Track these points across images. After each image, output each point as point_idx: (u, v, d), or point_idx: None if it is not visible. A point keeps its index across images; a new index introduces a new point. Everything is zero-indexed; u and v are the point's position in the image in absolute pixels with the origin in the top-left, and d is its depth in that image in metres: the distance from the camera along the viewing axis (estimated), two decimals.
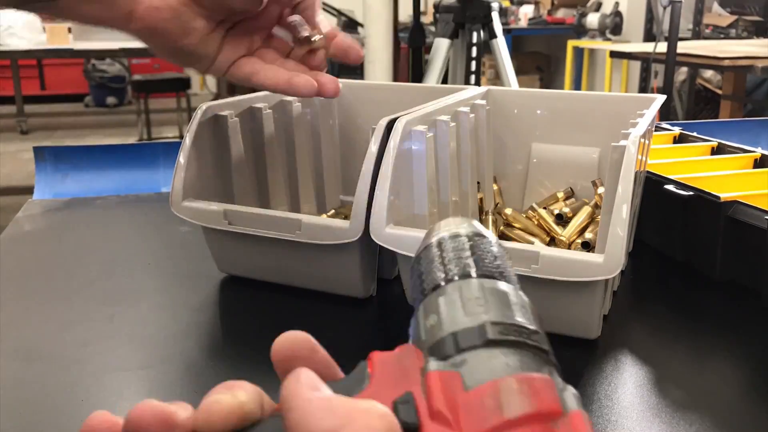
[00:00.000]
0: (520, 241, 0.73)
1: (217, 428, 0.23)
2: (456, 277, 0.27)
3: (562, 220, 0.76)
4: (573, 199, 0.81)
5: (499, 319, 0.24)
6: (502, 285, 0.27)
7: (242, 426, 0.24)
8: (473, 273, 0.27)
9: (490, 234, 0.30)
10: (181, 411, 0.23)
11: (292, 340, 0.27)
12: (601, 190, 0.77)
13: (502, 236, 0.77)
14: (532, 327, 0.25)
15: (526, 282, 0.55)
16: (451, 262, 0.28)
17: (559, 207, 0.78)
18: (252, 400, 0.24)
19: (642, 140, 0.60)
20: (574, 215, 0.76)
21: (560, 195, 0.80)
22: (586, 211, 0.75)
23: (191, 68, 0.49)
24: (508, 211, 0.77)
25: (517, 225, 0.77)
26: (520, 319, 0.25)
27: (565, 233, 0.73)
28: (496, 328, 0.24)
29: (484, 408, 0.21)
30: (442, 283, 0.27)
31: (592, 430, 0.22)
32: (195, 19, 0.46)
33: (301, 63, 0.52)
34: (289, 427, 0.21)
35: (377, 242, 0.60)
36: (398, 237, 0.59)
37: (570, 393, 0.23)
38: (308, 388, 0.22)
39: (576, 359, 0.56)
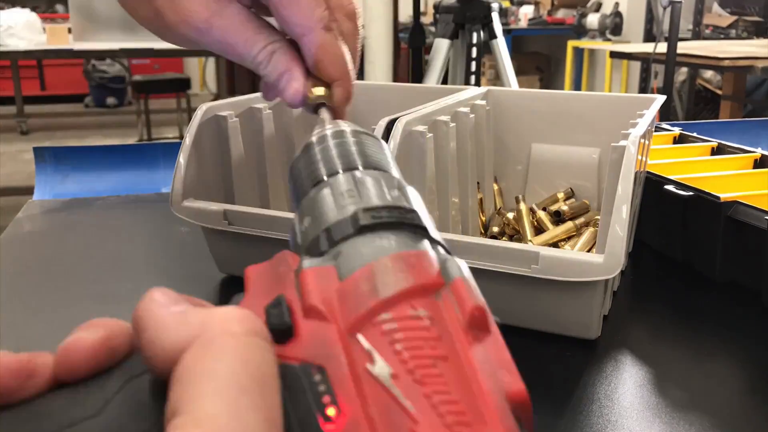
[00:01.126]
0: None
1: (80, 368, 0.21)
2: (325, 176, 0.26)
3: (560, 217, 0.76)
4: (573, 200, 0.81)
5: (371, 205, 0.24)
6: (375, 174, 0.26)
7: (110, 363, 0.22)
8: (340, 168, 0.27)
9: (354, 127, 0.29)
10: (39, 358, 0.22)
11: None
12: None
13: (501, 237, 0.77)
14: (407, 206, 0.24)
15: (525, 282, 0.55)
16: (320, 162, 0.28)
17: (558, 207, 0.78)
18: (119, 334, 0.23)
19: (642, 140, 0.60)
20: (573, 217, 0.76)
21: (560, 195, 0.80)
22: (567, 227, 0.74)
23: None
24: (510, 215, 0.77)
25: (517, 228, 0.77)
26: (391, 200, 0.24)
27: (537, 240, 0.73)
28: (368, 214, 0.23)
29: (359, 293, 0.20)
30: (310, 185, 0.26)
31: (474, 293, 0.21)
32: None
33: None
34: (143, 348, 0.20)
35: None
36: None
37: (453, 262, 0.22)
38: (162, 306, 0.21)
39: (576, 359, 0.56)
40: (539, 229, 0.76)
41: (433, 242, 0.23)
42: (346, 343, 0.20)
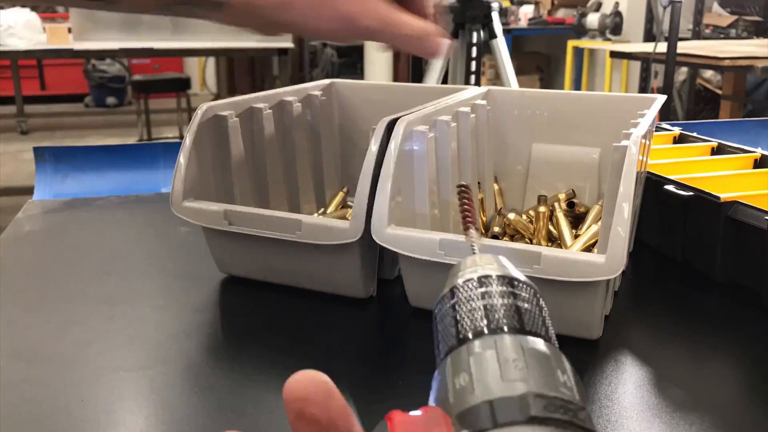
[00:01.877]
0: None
1: None
2: (486, 331, 0.23)
3: (573, 207, 0.76)
4: (575, 200, 0.81)
5: (542, 391, 0.21)
6: (542, 345, 0.23)
7: None
8: (506, 327, 0.23)
9: (522, 276, 0.26)
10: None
11: (309, 380, 0.23)
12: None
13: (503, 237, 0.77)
14: (578, 403, 0.21)
15: None
16: (479, 310, 0.24)
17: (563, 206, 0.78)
18: None
19: (643, 140, 0.60)
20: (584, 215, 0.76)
21: (561, 196, 0.80)
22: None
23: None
24: (511, 215, 0.77)
25: (523, 232, 0.77)
26: (565, 391, 0.21)
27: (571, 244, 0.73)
28: (540, 403, 0.20)
29: None
30: (471, 336, 0.23)
31: None
32: None
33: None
34: None
35: (379, 243, 0.60)
36: (399, 237, 0.59)
37: None
38: None
39: (577, 359, 0.56)
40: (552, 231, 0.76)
41: None
42: None
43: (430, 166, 0.64)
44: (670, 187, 0.72)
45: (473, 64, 2.07)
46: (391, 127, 0.62)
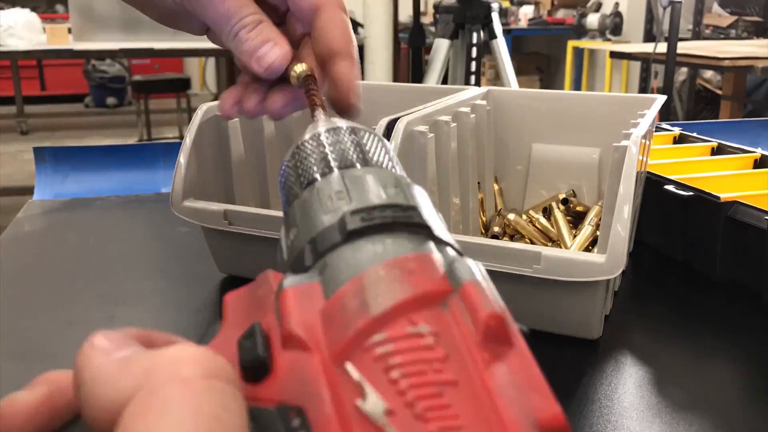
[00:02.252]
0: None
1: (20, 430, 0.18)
2: (318, 177, 0.22)
3: (567, 204, 0.76)
4: (575, 200, 0.81)
5: (361, 205, 0.20)
6: (369, 170, 0.22)
7: (52, 426, 0.18)
8: (335, 167, 0.22)
9: (350, 123, 0.25)
10: None
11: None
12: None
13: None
14: (404, 203, 0.20)
15: (527, 282, 0.55)
16: (311, 162, 0.23)
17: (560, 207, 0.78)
18: (64, 392, 0.19)
19: (643, 140, 0.60)
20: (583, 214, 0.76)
21: (562, 197, 0.80)
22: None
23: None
24: (511, 216, 0.77)
25: (522, 233, 0.77)
26: (387, 198, 0.20)
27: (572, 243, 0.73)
28: (357, 216, 0.19)
29: (347, 312, 0.17)
30: (298, 190, 0.23)
31: (489, 298, 0.17)
32: None
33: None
34: (81, 405, 0.17)
35: None
36: None
37: (463, 264, 0.18)
38: (104, 353, 0.17)
39: (577, 359, 0.56)
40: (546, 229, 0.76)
41: (439, 242, 0.20)
42: (331, 376, 0.16)
43: (429, 167, 0.64)
44: (670, 187, 0.72)
45: (473, 64, 2.07)
46: (391, 127, 0.62)
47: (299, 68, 0.37)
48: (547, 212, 0.78)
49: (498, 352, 0.16)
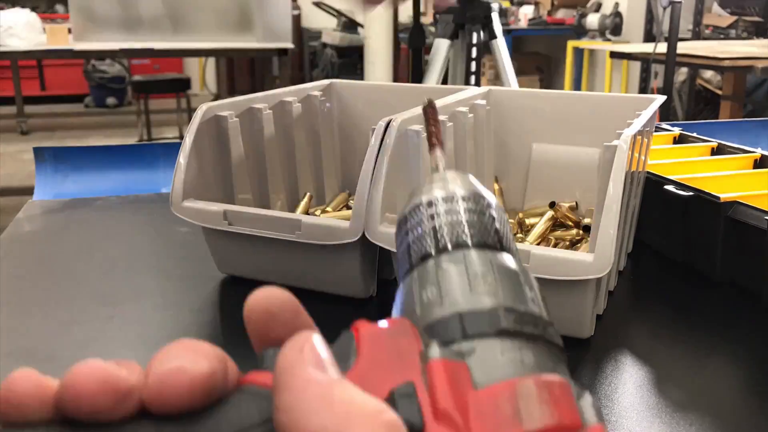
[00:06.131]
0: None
1: (174, 404, 0.18)
2: (450, 246, 0.23)
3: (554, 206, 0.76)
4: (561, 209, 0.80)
5: (512, 305, 0.21)
6: (510, 260, 0.23)
7: (204, 402, 0.19)
8: (472, 242, 0.23)
9: (489, 194, 0.25)
10: (132, 375, 0.18)
11: (272, 297, 0.22)
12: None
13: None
14: (546, 318, 0.21)
15: None
16: (446, 226, 0.23)
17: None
18: (219, 369, 0.19)
19: (641, 139, 0.60)
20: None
21: (564, 205, 0.79)
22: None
23: None
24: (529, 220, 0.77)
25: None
26: (533, 307, 0.21)
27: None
28: (510, 316, 0.20)
29: (499, 414, 0.18)
30: (437, 251, 0.23)
31: None
32: None
33: None
34: (278, 408, 0.18)
35: (372, 241, 0.60)
36: (393, 236, 0.59)
37: (587, 401, 0.20)
38: (311, 365, 0.18)
39: (570, 359, 0.56)
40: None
41: (567, 366, 0.21)
42: None
43: (424, 166, 0.64)
44: (670, 187, 0.72)
45: (473, 64, 2.07)
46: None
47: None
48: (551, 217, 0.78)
49: None
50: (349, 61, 5.60)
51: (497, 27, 2.11)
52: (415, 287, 0.22)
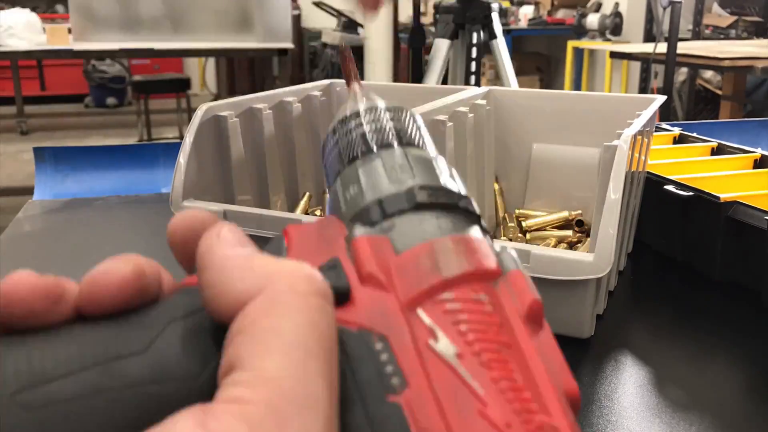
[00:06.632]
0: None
1: (106, 302, 0.19)
2: (376, 148, 0.25)
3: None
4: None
5: (426, 183, 0.23)
6: (425, 153, 0.25)
7: (137, 302, 0.20)
8: (395, 143, 0.26)
9: (407, 107, 0.28)
10: (66, 284, 0.20)
11: (193, 216, 0.23)
12: None
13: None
14: (460, 191, 0.23)
15: None
16: (371, 132, 0.26)
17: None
18: (150, 273, 0.21)
19: (641, 139, 0.60)
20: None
21: (565, 215, 0.79)
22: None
23: None
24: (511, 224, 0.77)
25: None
26: (449, 182, 0.24)
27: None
28: (424, 192, 0.22)
29: (420, 268, 0.20)
30: (360, 155, 0.25)
31: (531, 287, 0.20)
32: None
33: None
34: (203, 286, 0.19)
35: None
36: None
37: (508, 254, 0.21)
38: (228, 245, 0.19)
39: (568, 358, 0.56)
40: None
41: (485, 231, 0.23)
42: (406, 316, 0.19)
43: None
44: (670, 187, 0.72)
45: (473, 64, 2.07)
46: None
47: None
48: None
49: (535, 330, 0.20)
50: None
51: (497, 27, 2.11)
52: (339, 189, 0.25)
